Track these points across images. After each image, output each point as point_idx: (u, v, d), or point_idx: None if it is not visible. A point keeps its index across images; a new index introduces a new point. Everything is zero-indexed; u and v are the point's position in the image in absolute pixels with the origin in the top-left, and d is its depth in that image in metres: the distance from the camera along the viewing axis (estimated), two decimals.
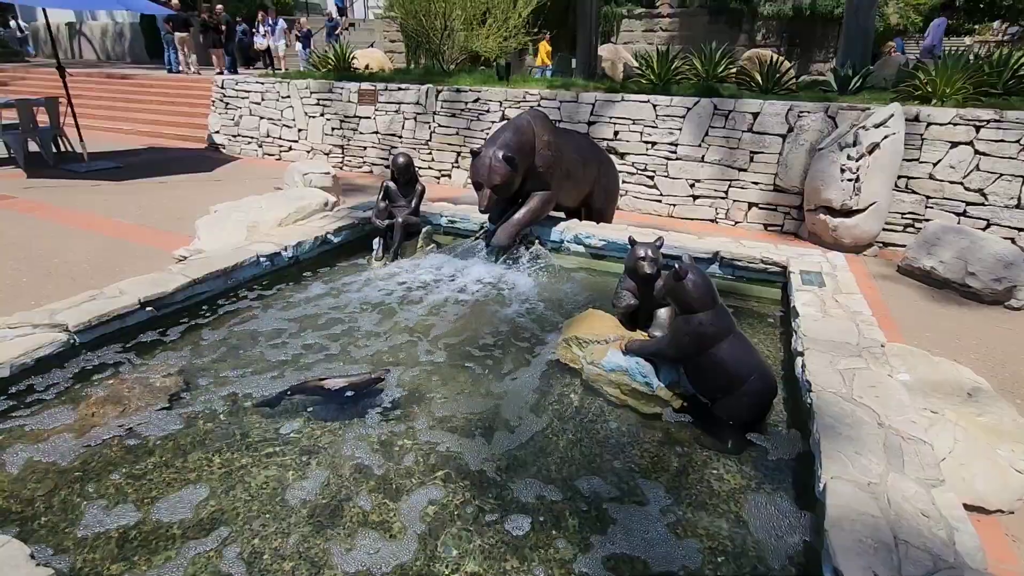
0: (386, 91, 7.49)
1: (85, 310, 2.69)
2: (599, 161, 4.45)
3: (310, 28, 15.08)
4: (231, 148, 9.04)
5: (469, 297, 3.35)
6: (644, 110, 6.12)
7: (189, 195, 6.27)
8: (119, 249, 4.57)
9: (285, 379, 2.47)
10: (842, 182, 4.94)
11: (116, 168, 7.39)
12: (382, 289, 3.40)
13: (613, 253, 3.86)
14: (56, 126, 7.88)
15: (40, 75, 14.11)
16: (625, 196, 6.19)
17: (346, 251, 4.02)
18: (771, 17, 12.23)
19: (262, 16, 13.97)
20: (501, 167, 3.41)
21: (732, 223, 5.93)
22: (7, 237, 4.72)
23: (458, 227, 4.29)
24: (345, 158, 8.02)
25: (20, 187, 6.35)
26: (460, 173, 7.20)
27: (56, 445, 2.04)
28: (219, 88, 8.97)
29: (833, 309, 2.87)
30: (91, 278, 3.96)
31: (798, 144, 5.49)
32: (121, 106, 11.48)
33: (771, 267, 3.55)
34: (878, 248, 5.22)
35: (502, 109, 6.81)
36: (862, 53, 7.71)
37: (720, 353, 2.22)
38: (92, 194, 6.20)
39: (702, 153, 5.93)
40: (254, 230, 4.00)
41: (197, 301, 3.11)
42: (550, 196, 3.86)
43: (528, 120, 3.70)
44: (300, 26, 14.89)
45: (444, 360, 2.69)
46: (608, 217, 4.70)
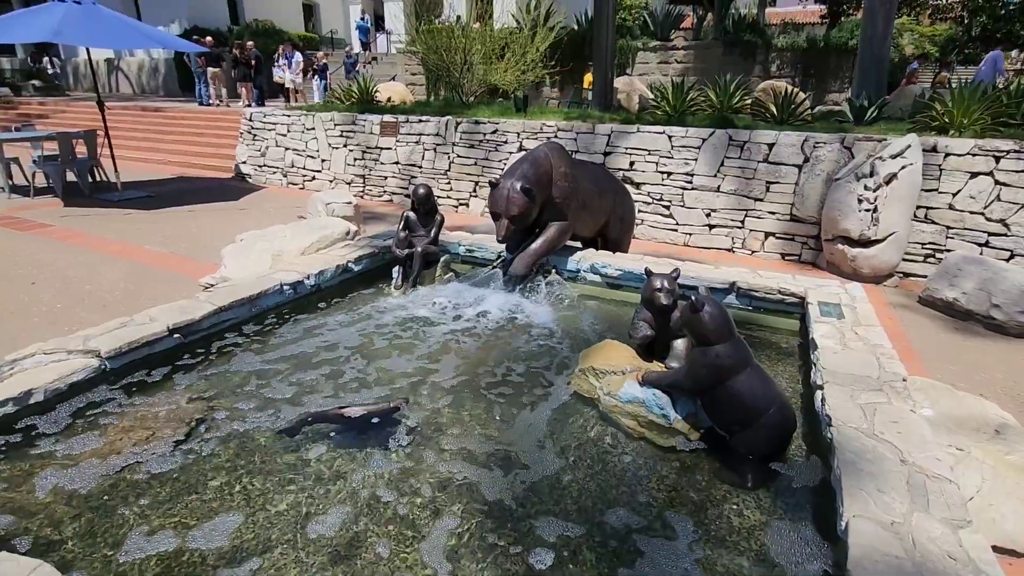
0: (407, 123, 7.72)
1: (117, 336, 2.78)
2: (615, 191, 4.51)
3: (327, 62, 15.62)
4: (257, 178, 9.34)
5: (486, 326, 3.38)
6: (659, 141, 6.21)
7: (215, 223, 6.48)
8: (148, 276, 4.73)
9: (305, 406, 2.52)
10: (860, 212, 4.93)
11: (147, 197, 7.67)
12: (401, 317, 3.46)
13: (629, 283, 3.89)
14: (93, 157, 8.24)
15: (79, 108, 14.79)
16: (641, 225, 6.23)
17: (366, 279, 4.10)
18: (785, 49, 12.37)
19: (280, 50, 14.48)
20: (519, 198, 3.49)
21: (749, 252, 5.93)
22: (45, 264, 4.91)
23: (476, 256, 4.36)
24: (366, 187, 8.23)
25: (57, 215, 6.62)
26: (478, 202, 7.33)
27: (84, 471, 2.10)
28: (247, 120, 9.31)
29: (852, 341, 2.85)
30: (121, 304, 4.10)
31: (814, 174, 5.50)
32: (154, 137, 11.96)
33: (788, 298, 3.54)
34: (898, 278, 5.16)
35: (520, 140, 6.96)
36: (877, 83, 7.77)
37: (737, 385, 2.21)
38: (124, 222, 6.43)
39: (718, 183, 5.97)
40: (278, 259, 4.11)
41: (222, 328, 3.19)
42: (567, 226, 3.92)
43: (545, 152, 3.79)
44: (316, 60, 15.41)
45: (461, 389, 2.72)
46: (624, 247, 4.74)
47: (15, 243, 5.54)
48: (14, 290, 4.33)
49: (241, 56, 14.59)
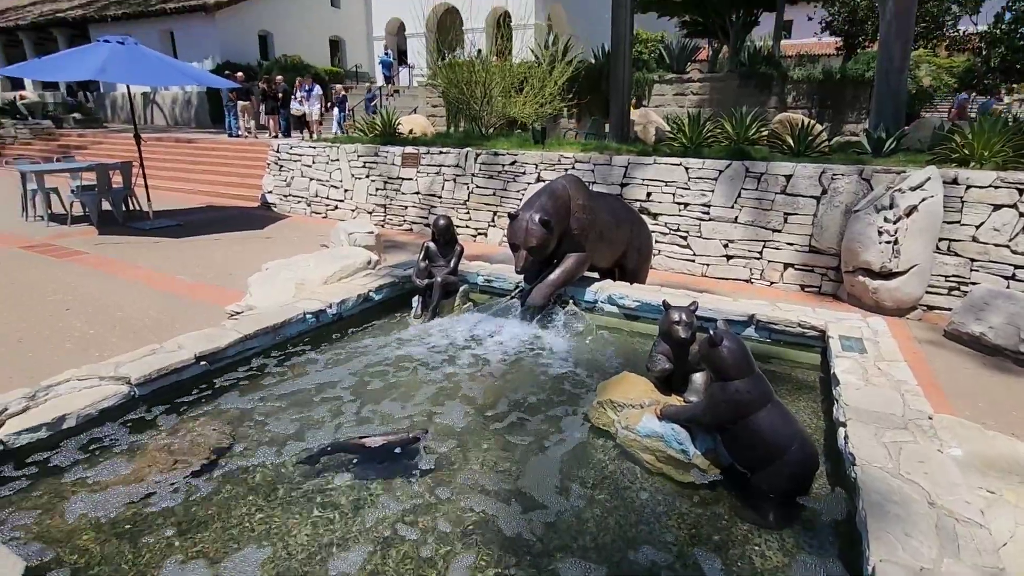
0: (428, 154, 7.92)
1: (146, 363, 2.87)
2: (632, 222, 4.56)
3: (345, 94, 16.11)
4: (281, 207, 9.61)
5: (504, 357, 3.41)
6: (676, 172, 6.27)
7: (241, 251, 6.66)
8: (176, 303, 4.87)
9: (325, 434, 2.56)
10: (880, 244, 4.89)
11: (177, 226, 7.94)
12: (420, 347, 3.50)
13: (647, 314, 3.90)
14: (128, 187, 8.59)
15: (115, 139, 15.45)
16: (658, 256, 6.25)
17: (386, 308, 4.18)
18: (801, 80, 12.46)
19: (299, 82, 14.96)
20: (537, 230, 3.55)
21: (768, 283, 5.89)
22: (79, 291, 5.09)
23: (494, 286, 4.41)
24: (387, 216, 8.41)
25: (92, 243, 6.88)
26: (496, 232, 7.43)
27: (111, 498, 2.15)
28: (275, 152, 9.64)
29: (875, 377, 2.81)
30: (151, 331, 4.22)
31: (833, 206, 5.49)
32: (185, 168, 12.42)
33: (808, 331, 3.51)
34: (922, 311, 5.08)
35: (538, 171, 7.09)
36: (894, 116, 7.78)
37: (758, 422, 2.20)
38: (155, 250, 6.66)
39: (735, 214, 5.99)
40: (301, 288, 4.21)
41: (247, 356, 3.27)
42: (584, 257, 3.96)
43: (564, 184, 3.86)
44: (336, 92, 15.90)
45: (479, 420, 2.74)
46: (642, 277, 4.76)
47: (52, 270, 5.75)
48: (50, 316, 4.49)
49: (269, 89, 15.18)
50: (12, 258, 6.15)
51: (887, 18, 8.01)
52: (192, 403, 2.82)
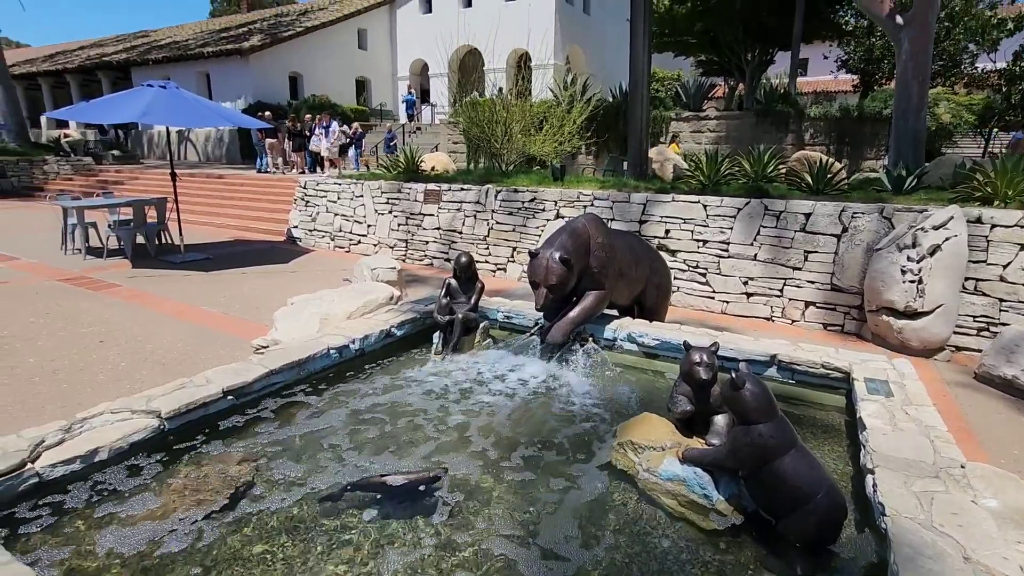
0: (449, 191, 8.11)
1: (176, 397, 2.95)
2: (651, 260, 4.60)
3: (363, 132, 16.61)
4: (306, 241, 9.86)
5: (524, 395, 3.42)
6: (694, 210, 6.32)
7: (267, 285, 6.84)
8: (205, 336, 5.00)
9: (347, 471, 2.58)
10: (904, 283, 4.84)
11: (206, 259, 8.19)
12: (440, 384, 3.54)
13: (667, 353, 3.89)
14: (162, 222, 8.93)
15: (151, 175, 16.11)
16: (678, 292, 6.25)
17: (408, 344, 4.23)
18: (818, 118, 12.55)
19: (317, 119, 15.47)
20: (557, 268, 3.61)
21: (789, 322, 5.83)
22: (112, 323, 5.26)
23: (514, 323, 4.45)
24: (408, 251, 8.58)
25: (125, 276, 7.13)
26: (515, 267, 7.52)
27: (139, 532, 2.19)
28: (301, 188, 9.96)
29: (903, 422, 2.75)
30: (180, 364, 4.33)
31: (854, 244, 5.47)
32: (215, 202, 12.86)
33: (833, 373, 3.46)
34: (950, 352, 4.97)
35: (557, 208, 7.20)
36: (914, 154, 7.78)
37: (783, 468, 2.17)
38: (185, 283, 6.87)
39: (754, 251, 5.98)
40: (326, 322, 4.30)
41: (271, 391, 3.34)
42: (604, 295, 4.00)
43: (583, 223, 3.93)
44: (354, 130, 16.40)
45: (499, 459, 2.74)
46: (661, 315, 4.76)
47: (87, 302, 5.96)
48: (84, 348, 4.64)
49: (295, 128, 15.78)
50: (51, 290, 6.40)
51: (903, 58, 8.10)
52: (218, 437, 2.87)
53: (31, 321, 5.26)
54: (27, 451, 2.39)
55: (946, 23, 14.81)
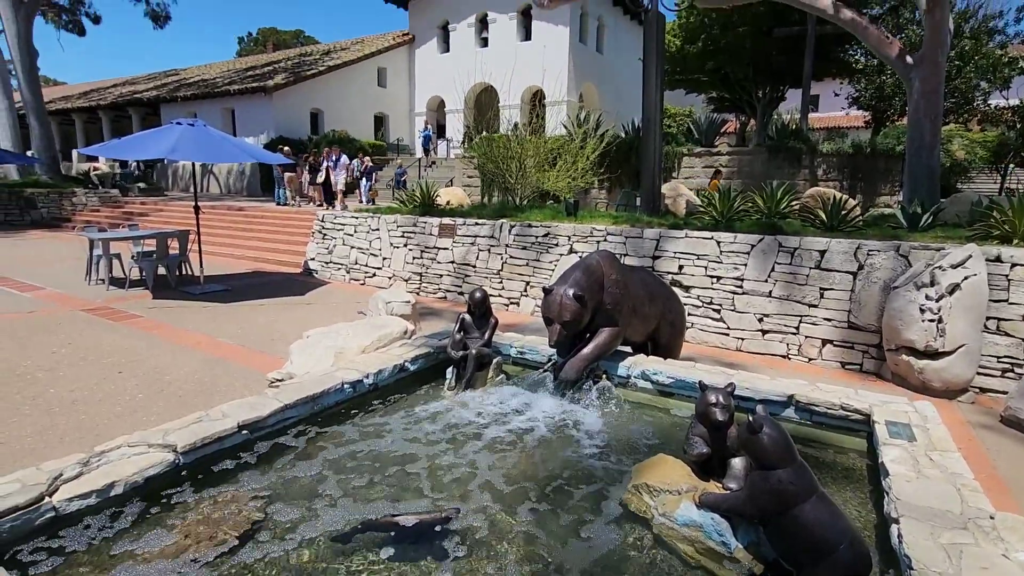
0: (464, 225, 8.23)
1: (192, 431, 2.97)
2: (665, 296, 4.60)
3: (373, 165, 16.94)
4: (322, 273, 10.02)
5: (537, 432, 3.40)
6: (708, 246, 6.33)
7: (283, 317, 6.93)
8: (221, 368, 5.06)
9: (358, 511, 2.56)
10: (923, 322, 4.77)
11: (225, 291, 8.34)
12: (453, 420, 3.53)
13: (681, 391, 3.85)
14: (183, 254, 9.15)
15: (174, 207, 16.57)
16: (692, 328, 6.21)
17: (421, 378, 4.24)
18: (831, 154, 12.62)
19: (326, 152, 15.77)
20: (571, 305, 3.63)
21: (806, 360, 5.75)
22: (132, 354, 5.35)
23: (527, 358, 4.45)
24: (422, 284, 8.66)
25: (146, 307, 7.28)
26: (528, 301, 7.55)
27: (152, 570, 2.18)
28: (319, 221, 10.18)
29: (928, 469, 2.68)
30: (196, 396, 4.38)
31: (870, 282, 5.42)
32: (235, 234, 13.17)
33: (852, 414, 3.40)
34: (974, 394, 4.85)
35: (570, 243, 7.26)
36: (929, 190, 7.76)
37: (803, 516, 2.12)
38: (203, 314, 6.99)
39: (769, 288, 5.95)
40: (340, 356, 4.33)
41: (286, 425, 3.35)
42: (617, 332, 3.99)
43: (597, 260, 3.96)
44: (364, 163, 16.72)
45: (510, 499, 2.70)
46: (675, 352, 4.73)
47: (108, 333, 6.08)
48: (103, 378, 4.72)
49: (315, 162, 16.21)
50: (74, 320, 6.54)
51: (915, 97, 8.18)
52: (232, 472, 2.88)
53: (53, 352, 5.37)
54: (46, 484, 2.42)
55: (956, 62, 14.94)
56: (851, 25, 8.75)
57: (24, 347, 5.49)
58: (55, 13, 26.16)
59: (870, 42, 8.92)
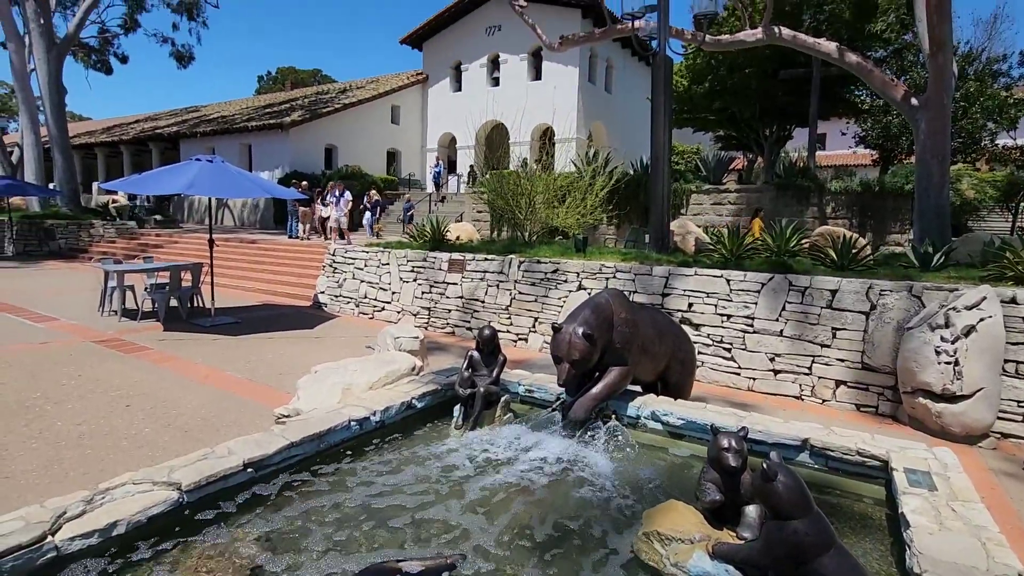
0: (473, 260, 8.29)
1: (197, 469, 2.94)
2: (674, 335, 4.56)
3: (379, 200, 17.17)
4: (332, 307, 10.08)
5: (544, 475, 3.33)
6: (718, 284, 6.32)
7: (292, 351, 6.94)
8: (228, 402, 5.05)
9: (362, 555, 2.50)
10: (939, 364, 4.68)
11: (235, 323, 8.40)
12: (459, 461, 3.47)
13: (692, 433, 3.78)
14: (196, 286, 9.26)
15: (188, 239, 16.87)
16: (702, 368, 6.13)
17: (428, 415, 4.20)
18: (839, 192, 12.67)
19: (330, 187, 15.74)
20: (580, 343, 3.61)
21: (819, 401, 5.64)
22: (140, 387, 5.37)
23: (536, 397, 4.41)
24: (431, 319, 8.67)
25: (156, 339, 7.33)
26: (536, 337, 7.52)
27: None
28: (330, 255, 10.30)
29: (950, 520, 2.58)
30: (201, 431, 4.36)
31: (883, 322, 5.36)
32: (247, 266, 13.33)
33: (869, 460, 3.31)
34: (995, 439, 4.71)
35: (579, 280, 7.27)
36: (939, 230, 7.75)
37: (822, 570, 2.04)
38: (212, 347, 7.02)
39: (780, 327, 5.90)
40: (348, 392, 4.31)
41: (290, 463, 3.31)
42: (627, 371, 3.95)
43: (607, 298, 3.96)
44: (369, 197, 16.92)
45: (518, 545, 2.63)
46: (686, 391, 4.67)
47: (118, 365, 6.12)
48: (111, 412, 4.72)
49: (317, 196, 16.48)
50: (85, 352, 6.59)
51: (921, 137, 8.26)
52: (235, 512, 2.84)
53: (63, 383, 5.40)
54: (49, 523, 2.40)
55: (962, 103, 15.15)
56: (856, 68, 8.93)
57: (35, 378, 5.52)
58: (85, 53, 27.36)
59: (875, 85, 9.07)
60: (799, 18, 15.29)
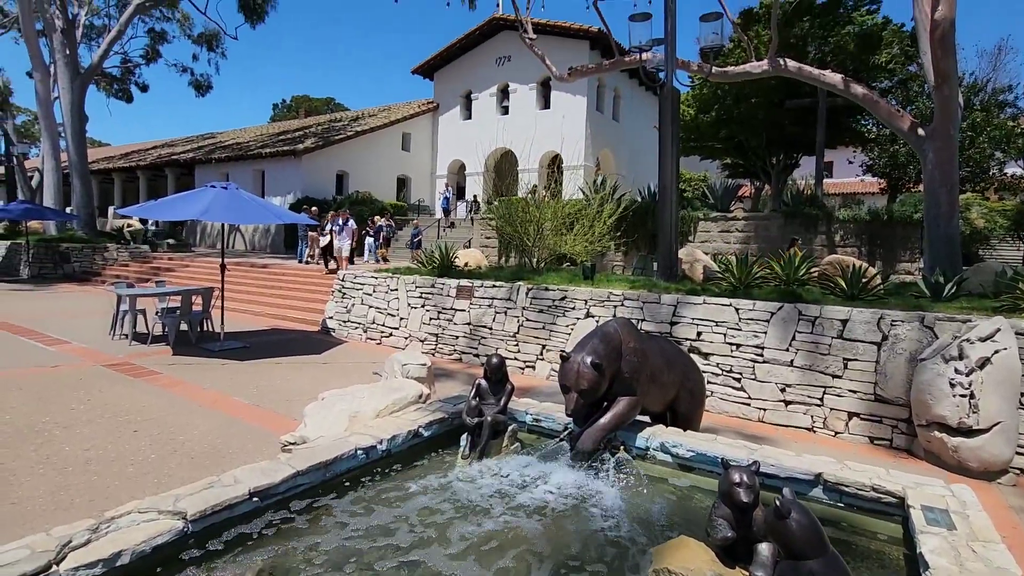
0: (481, 287, 8.32)
1: (203, 498, 2.93)
2: (683, 364, 4.54)
3: (382, 224, 17.33)
4: (339, 332, 10.11)
5: (552, 508, 3.28)
6: (726, 313, 6.29)
7: (299, 377, 6.95)
8: (234, 428, 5.04)
9: None
10: (954, 397, 4.60)
11: (243, 348, 8.44)
12: (466, 492, 3.43)
13: (702, 466, 3.72)
14: (206, 310, 9.34)
15: (200, 263, 17.09)
16: (711, 397, 6.06)
17: (435, 444, 4.17)
18: (847, 221, 12.67)
19: (332, 215, 15.40)
20: (588, 373, 3.59)
21: (832, 433, 5.54)
22: (147, 412, 5.38)
23: (543, 426, 4.36)
24: (438, 345, 8.67)
25: (165, 363, 7.37)
26: (544, 365, 7.48)
27: None
28: (340, 280, 10.38)
29: (970, 562, 2.51)
30: (208, 458, 4.35)
31: (895, 353, 5.30)
32: (256, 290, 13.45)
33: (885, 497, 3.23)
34: (1014, 475, 4.59)
35: (587, 307, 7.27)
36: (950, 259, 7.69)
37: None
38: (220, 372, 7.04)
39: (790, 357, 5.84)
40: (355, 420, 4.30)
41: (296, 493, 3.29)
42: (636, 401, 3.92)
43: (615, 327, 3.96)
44: (373, 222, 17.03)
45: None
46: (695, 422, 4.61)
47: (127, 389, 6.15)
48: (118, 437, 4.72)
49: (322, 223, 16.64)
50: (95, 376, 6.64)
51: (929, 167, 8.27)
52: (239, 542, 2.81)
53: (72, 408, 5.42)
54: (54, 552, 2.38)
55: (969, 133, 15.20)
56: (862, 99, 9.03)
57: (45, 402, 5.55)
58: (108, 82, 28.26)
59: (881, 115, 9.15)
60: (804, 50, 15.54)
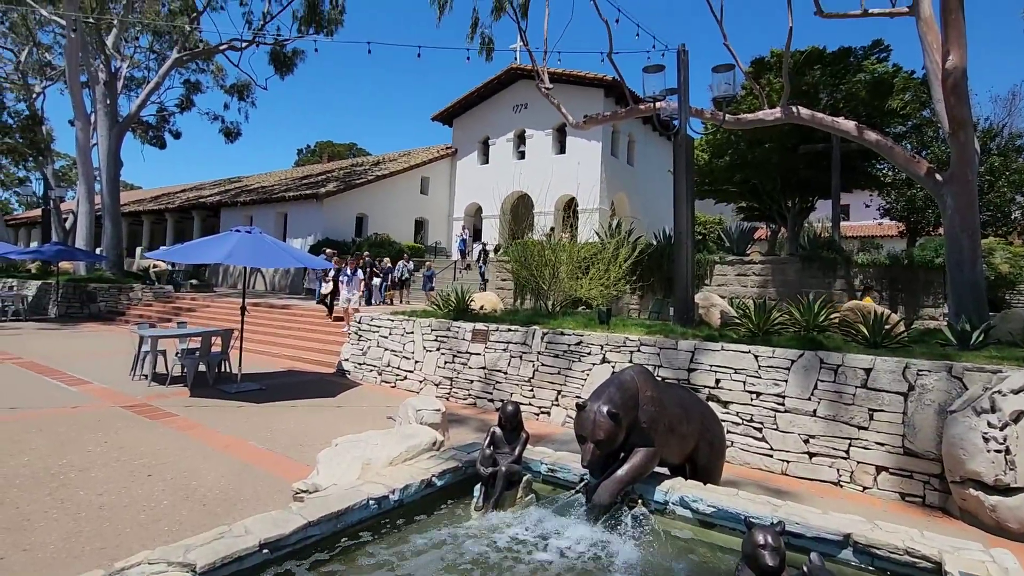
0: (496, 331, 8.32)
1: (213, 549, 2.89)
2: (702, 414, 4.43)
3: (391, 266, 17.48)
4: (354, 374, 10.12)
5: (567, 565, 3.17)
6: (745, 360, 6.18)
7: (313, 420, 6.93)
8: (248, 474, 5.01)
9: None
10: (988, 452, 4.41)
11: (259, 390, 8.47)
12: (479, 547, 3.34)
13: (724, 522, 3.58)
14: (225, 352, 9.46)
15: (221, 304, 17.40)
16: (732, 448, 5.89)
17: (448, 494, 4.09)
18: (866, 265, 12.51)
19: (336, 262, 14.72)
20: (605, 422, 3.53)
21: (860, 488, 5.31)
22: (163, 455, 5.39)
23: (558, 477, 4.26)
24: (452, 389, 8.62)
25: (183, 405, 7.42)
26: (559, 411, 7.37)
27: None
28: (356, 322, 10.46)
29: None
30: (220, 504, 4.31)
31: (923, 404, 5.12)
32: (274, 331, 13.60)
33: (920, 562, 3.06)
34: None
35: (603, 352, 7.20)
36: (975, 306, 7.52)
37: None
38: (236, 414, 7.06)
39: (813, 407, 5.68)
40: (367, 468, 4.25)
41: (306, 544, 3.23)
42: (654, 452, 3.83)
43: (632, 376, 3.91)
44: (380, 266, 17.19)
45: None
46: (716, 475, 4.47)
47: (144, 432, 6.18)
48: (133, 481, 4.72)
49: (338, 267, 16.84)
50: (112, 417, 6.70)
51: (949, 212, 8.20)
52: None
53: (89, 450, 5.45)
54: None
55: (987, 177, 15.11)
56: (876, 146, 9.07)
57: (63, 445, 5.60)
58: (143, 130, 29.70)
59: (897, 161, 9.16)
60: (816, 97, 15.77)
